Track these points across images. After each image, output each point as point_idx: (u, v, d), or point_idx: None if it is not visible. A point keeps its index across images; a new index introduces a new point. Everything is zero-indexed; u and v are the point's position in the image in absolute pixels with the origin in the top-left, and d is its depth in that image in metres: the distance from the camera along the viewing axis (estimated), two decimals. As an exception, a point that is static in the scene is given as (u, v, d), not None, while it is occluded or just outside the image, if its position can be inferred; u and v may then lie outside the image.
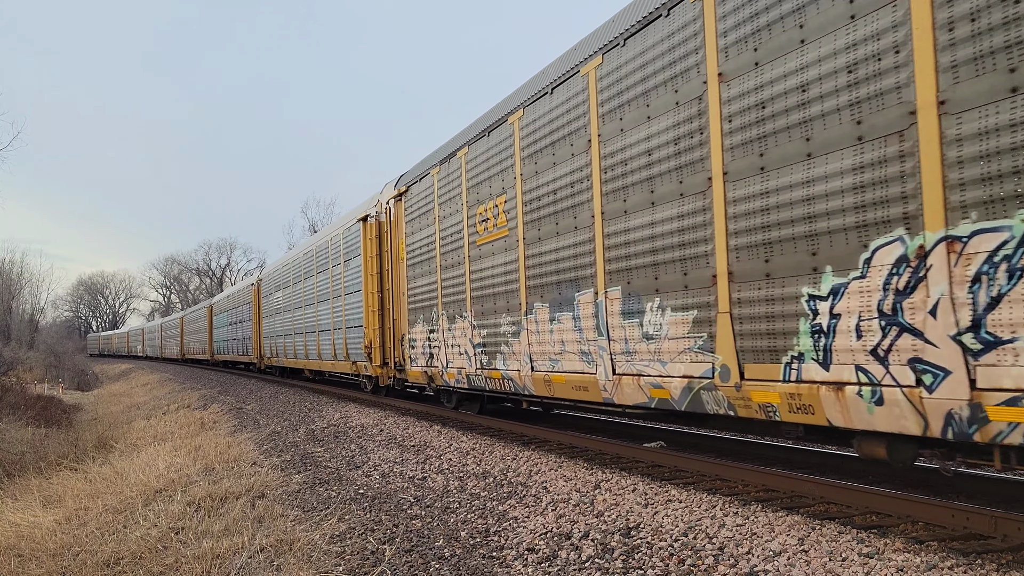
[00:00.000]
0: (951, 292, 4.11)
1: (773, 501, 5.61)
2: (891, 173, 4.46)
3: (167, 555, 6.02)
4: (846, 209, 4.72)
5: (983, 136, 3.99)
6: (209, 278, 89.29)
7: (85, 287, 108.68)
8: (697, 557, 4.60)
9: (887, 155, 4.48)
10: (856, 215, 4.66)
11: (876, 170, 4.54)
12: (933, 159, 4.21)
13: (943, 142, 4.18)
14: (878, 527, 4.82)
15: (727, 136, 5.66)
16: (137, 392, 30.08)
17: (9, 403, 19.72)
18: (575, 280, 7.72)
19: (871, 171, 4.57)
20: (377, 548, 5.54)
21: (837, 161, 4.78)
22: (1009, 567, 3.97)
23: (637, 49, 6.74)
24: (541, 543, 5.23)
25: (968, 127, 4.05)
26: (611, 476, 6.86)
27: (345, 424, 12.51)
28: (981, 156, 4.00)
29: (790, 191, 5.12)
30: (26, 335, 55.32)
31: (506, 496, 6.65)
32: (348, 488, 7.63)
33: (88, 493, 9.25)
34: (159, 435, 14.23)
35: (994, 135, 3.94)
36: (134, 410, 22.34)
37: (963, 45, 4.07)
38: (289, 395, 19.12)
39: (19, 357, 41.51)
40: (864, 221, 4.62)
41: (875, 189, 4.55)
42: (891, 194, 4.46)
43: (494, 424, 10.58)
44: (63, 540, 7.22)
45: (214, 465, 9.58)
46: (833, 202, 4.81)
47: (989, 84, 3.96)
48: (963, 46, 4.07)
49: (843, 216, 4.74)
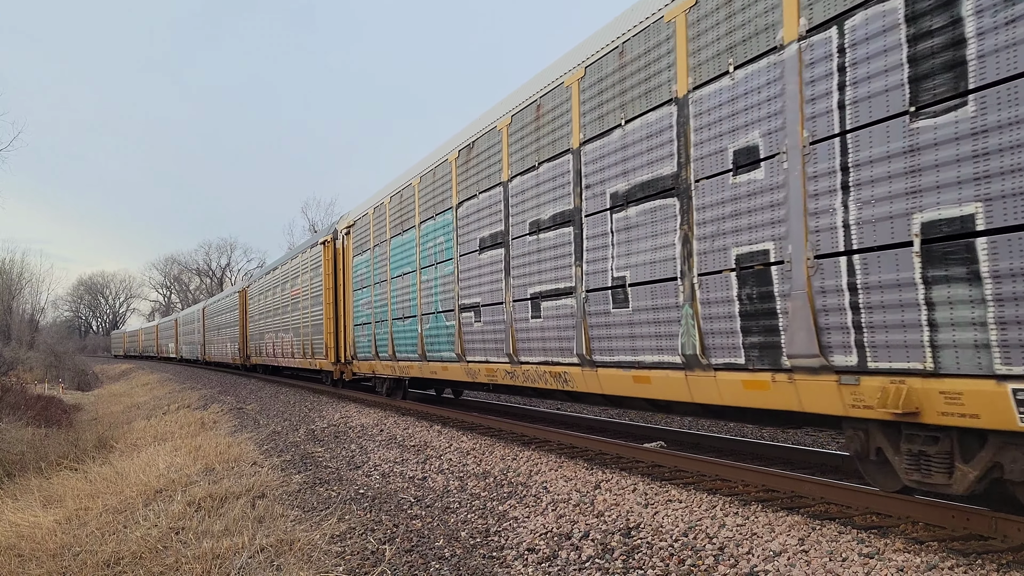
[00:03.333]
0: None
1: (773, 501, 5.61)
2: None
3: (167, 555, 6.02)
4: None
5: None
6: (209, 278, 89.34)
7: (85, 287, 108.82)
8: (697, 557, 4.60)
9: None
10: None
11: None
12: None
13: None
14: (878, 527, 4.82)
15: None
16: (137, 392, 30.09)
17: (9, 403, 19.72)
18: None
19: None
20: (377, 548, 5.54)
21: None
22: (1009, 567, 3.97)
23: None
24: (541, 543, 5.23)
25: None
26: (611, 476, 6.86)
27: (345, 424, 12.51)
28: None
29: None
30: (26, 335, 55.34)
31: (506, 496, 6.65)
32: (348, 488, 7.63)
33: (88, 493, 9.25)
34: (159, 435, 14.24)
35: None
36: (134, 410, 22.34)
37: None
38: (289, 395, 19.12)
39: (19, 357, 41.53)
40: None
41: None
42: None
43: (494, 424, 10.60)
44: (63, 540, 7.22)
45: (214, 465, 9.58)
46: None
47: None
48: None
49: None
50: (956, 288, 4.04)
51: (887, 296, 4.41)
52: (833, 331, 4.78)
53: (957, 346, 4.05)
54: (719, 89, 5.72)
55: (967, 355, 4.00)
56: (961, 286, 4.01)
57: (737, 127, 5.54)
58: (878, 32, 4.47)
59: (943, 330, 4.12)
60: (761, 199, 5.33)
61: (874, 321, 4.50)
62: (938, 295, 4.13)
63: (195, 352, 44.60)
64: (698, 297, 5.93)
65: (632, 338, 6.79)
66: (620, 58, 6.93)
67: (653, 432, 9.42)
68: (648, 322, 6.56)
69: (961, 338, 4.03)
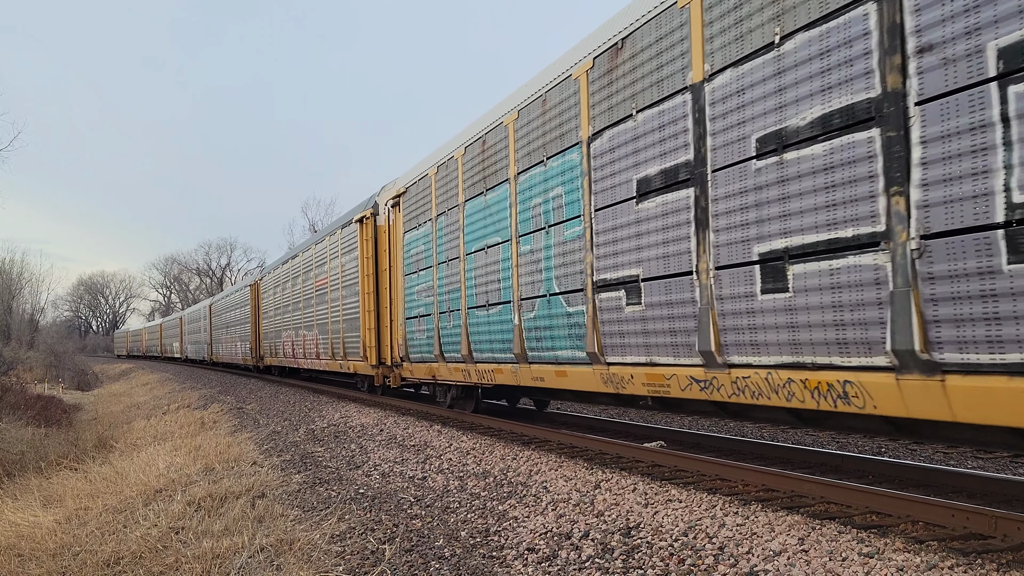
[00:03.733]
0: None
1: (773, 501, 5.61)
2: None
3: (167, 555, 6.02)
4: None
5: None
6: (209, 278, 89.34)
7: (85, 287, 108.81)
8: (697, 557, 4.60)
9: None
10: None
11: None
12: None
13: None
14: (878, 527, 4.81)
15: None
16: (137, 392, 30.09)
17: (9, 403, 19.73)
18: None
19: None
20: (377, 548, 5.54)
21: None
22: (1009, 567, 3.97)
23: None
24: (541, 543, 5.23)
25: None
26: (611, 476, 6.86)
27: (345, 424, 12.51)
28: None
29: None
30: (26, 335, 55.33)
31: (506, 496, 6.65)
32: (348, 488, 7.63)
33: (88, 493, 9.25)
34: (159, 435, 14.24)
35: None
36: (134, 410, 22.35)
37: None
38: (289, 395, 19.12)
39: (19, 357, 41.54)
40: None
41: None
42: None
43: (494, 424, 10.58)
44: (63, 540, 7.22)
45: (214, 465, 9.58)
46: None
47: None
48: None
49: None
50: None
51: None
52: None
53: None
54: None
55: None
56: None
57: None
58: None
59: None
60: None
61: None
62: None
63: (201, 352, 42.29)
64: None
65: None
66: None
67: (653, 432, 9.42)
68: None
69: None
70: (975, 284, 3.98)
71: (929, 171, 4.20)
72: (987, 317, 3.94)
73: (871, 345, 4.57)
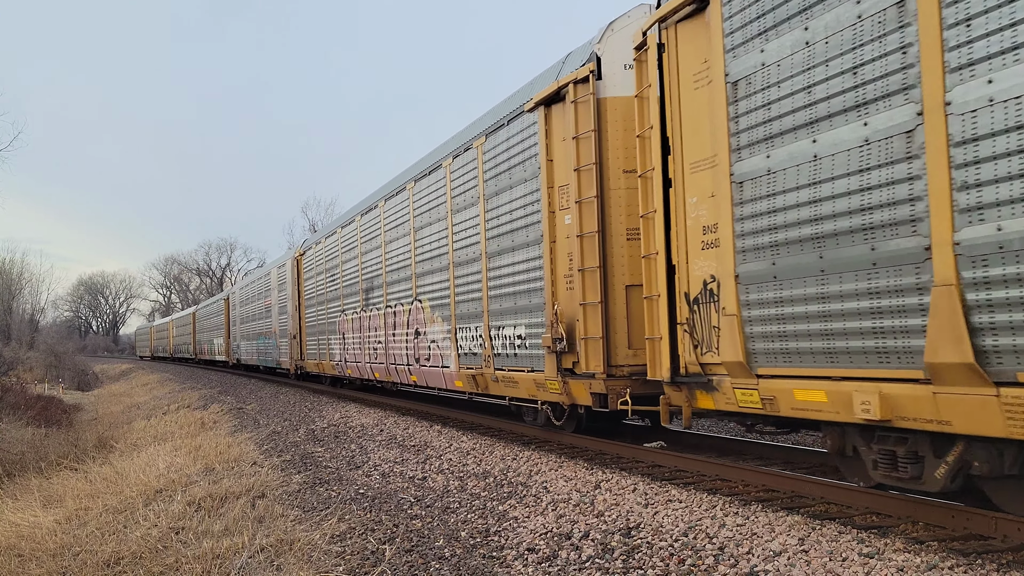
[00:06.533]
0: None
1: (773, 501, 5.61)
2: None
3: (167, 555, 6.02)
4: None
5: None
6: (209, 278, 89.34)
7: (85, 287, 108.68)
8: (697, 557, 4.60)
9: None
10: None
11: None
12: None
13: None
14: (878, 527, 4.82)
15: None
16: (137, 392, 30.07)
17: (9, 403, 19.71)
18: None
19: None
20: (377, 548, 5.54)
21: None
22: (1009, 567, 3.97)
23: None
24: (541, 543, 5.23)
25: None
26: (611, 476, 6.86)
27: (345, 424, 12.51)
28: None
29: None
30: (26, 335, 55.30)
31: (506, 496, 6.65)
32: (348, 488, 7.63)
33: (88, 493, 9.24)
34: (159, 435, 14.23)
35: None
36: (134, 410, 22.33)
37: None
38: (289, 395, 19.12)
39: (19, 357, 41.51)
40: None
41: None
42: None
43: (494, 424, 10.59)
44: (63, 540, 7.21)
45: (214, 465, 9.57)
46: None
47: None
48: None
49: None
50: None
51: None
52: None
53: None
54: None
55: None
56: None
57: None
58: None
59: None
60: None
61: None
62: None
63: (273, 355, 25.70)
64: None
65: None
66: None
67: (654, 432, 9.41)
68: None
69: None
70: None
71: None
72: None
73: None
